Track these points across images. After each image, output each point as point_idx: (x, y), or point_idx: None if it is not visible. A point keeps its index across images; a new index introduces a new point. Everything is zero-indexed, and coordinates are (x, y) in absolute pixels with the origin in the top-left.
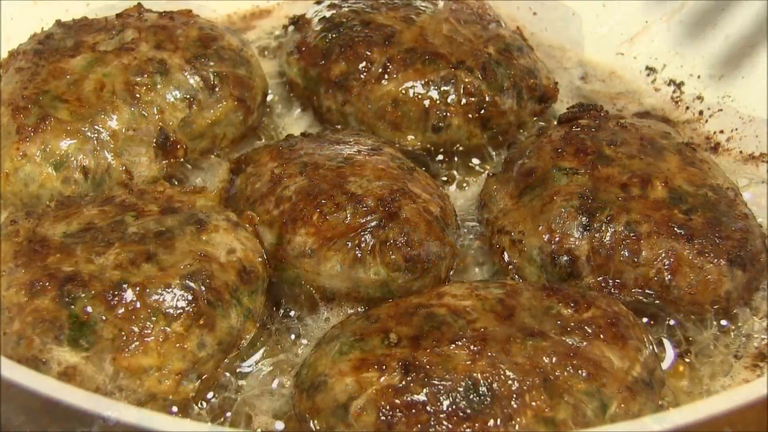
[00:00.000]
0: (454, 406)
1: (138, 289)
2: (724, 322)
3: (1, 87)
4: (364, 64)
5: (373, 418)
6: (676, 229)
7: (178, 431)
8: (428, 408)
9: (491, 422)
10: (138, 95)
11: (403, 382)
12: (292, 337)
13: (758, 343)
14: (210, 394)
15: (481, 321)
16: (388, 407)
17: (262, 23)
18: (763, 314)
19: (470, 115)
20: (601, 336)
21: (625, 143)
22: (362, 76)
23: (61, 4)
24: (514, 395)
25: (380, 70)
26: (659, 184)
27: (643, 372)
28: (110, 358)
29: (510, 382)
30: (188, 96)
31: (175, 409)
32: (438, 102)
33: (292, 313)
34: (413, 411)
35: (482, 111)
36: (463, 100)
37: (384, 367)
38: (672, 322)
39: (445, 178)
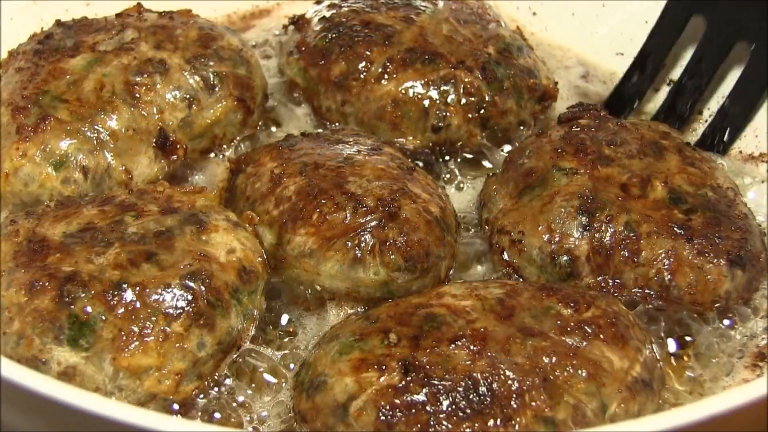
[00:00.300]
0: (454, 406)
1: (138, 289)
2: (725, 322)
3: (1, 87)
4: (363, 64)
5: (372, 418)
6: (675, 229)
7: (178, 431)
8: (428, 408)
9: (491, 422)
10: (138, 95)
11: (403, 382)
12: (292, 337)
13: (758, 342)
14: (210, 394)
15: (481, 321)
16: (387, 407)
17: (262, 23)
18: (763, 314)
19: (470, 115)
20: (601, 336)
21: (625, 143)
22: (362, 76)
23: (61, 4)
24: (514, 395)
25: (380, 70)
26: (659, 184)
27: (643, 372)
28: (110, 358)
29: (510, 382)
30: (188, 96)
31: (175, 408)
32: (438, 102)
33: (292, 313)
34: (413, 411)
35: (482, 111)
36: (463, 100)
37: (384, 367)
38: (672, 322)
39: (447, 176)
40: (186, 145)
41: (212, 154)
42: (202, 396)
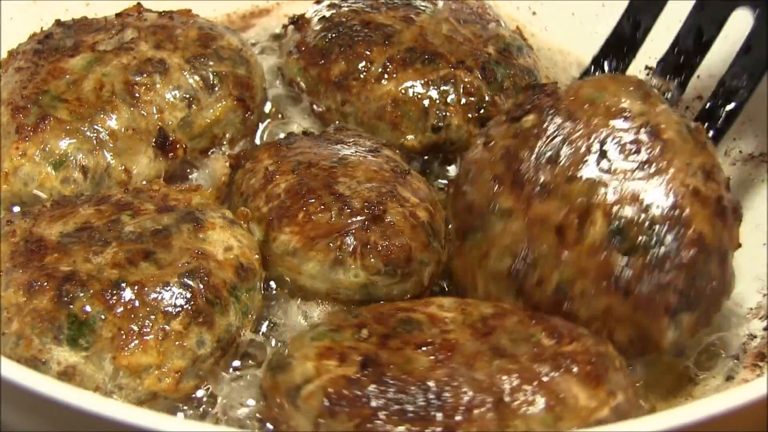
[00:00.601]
0: (398, 407)
1: (136, 287)
2: (726, 322)
3: (0, 87)
4: (363, 63)
5: (318, 403)
6: (610, 284)
7: (178, 431)
8: (372, 403)
9: (430, 429)
10: (137, 95)
11: (357, 375)
12: (290, 335)
13: (758, 343)
14: (210, 392)
15: (455, 333)
16: (335, 396)
17: (262, 22)
18: (763, 314)
19: (470, 115)
20: (574, 370)
21: (572, 152)
22: (362, 76)
23: (61, 4)
24: (462, 408)
25: (380, 70)
26: (599, 216)
27: (611, 417)
28: (110, 357)
29: (462, 395)
30: (188, 96)
31: (175, 406)
32: (438, 102)
33: (291, 311)
34: (357, 404)
35: (482, 111)
36: (463, 100)
37: (345, 358)
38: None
39: (446, 177)
40: (186, 145)
41: (212, 154)
42: (201, 394)
